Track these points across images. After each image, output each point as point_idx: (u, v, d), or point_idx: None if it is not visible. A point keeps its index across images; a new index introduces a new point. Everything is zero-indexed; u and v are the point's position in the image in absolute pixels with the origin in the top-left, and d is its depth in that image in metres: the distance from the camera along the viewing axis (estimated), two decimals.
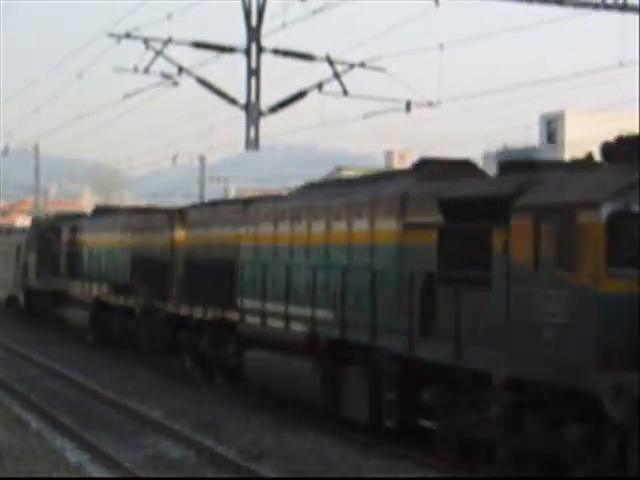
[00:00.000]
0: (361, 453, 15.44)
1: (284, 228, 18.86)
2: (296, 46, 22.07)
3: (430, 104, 22.05)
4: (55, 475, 13.76)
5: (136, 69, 21.06)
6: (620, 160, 12.11)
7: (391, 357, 15.14)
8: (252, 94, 20.11)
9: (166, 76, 21.43)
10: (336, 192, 18.00)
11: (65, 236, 35.45)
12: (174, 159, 60.53)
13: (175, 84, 21.62)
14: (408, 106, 21.99)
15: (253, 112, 20.06)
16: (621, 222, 11.36)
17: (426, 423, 14.73)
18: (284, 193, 27.71)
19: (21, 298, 40.60)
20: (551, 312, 11.85)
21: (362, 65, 21.81)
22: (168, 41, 20.89)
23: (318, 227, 17.55)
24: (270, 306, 18.88)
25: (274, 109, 20.73)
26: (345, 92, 21.76)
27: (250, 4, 19.96)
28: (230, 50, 20.70)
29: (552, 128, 70.03)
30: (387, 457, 15.09)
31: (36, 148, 67.29)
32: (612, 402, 11.09)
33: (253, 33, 20.03)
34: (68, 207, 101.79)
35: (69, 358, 27.93)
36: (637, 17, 19.49)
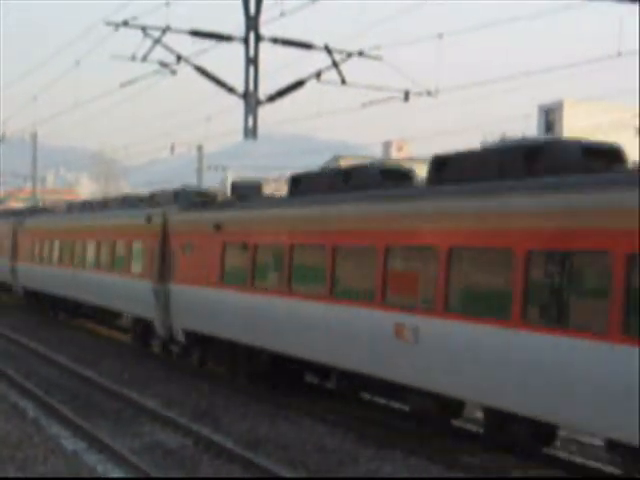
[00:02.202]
0: (357, 442, 15.48)
1: None
2: (294, 35, 22.05)
3: (429, 93, 22.03)
4: (51, 462, 13.79)
5: (134, 57, 21.02)
6: None
7: None
8: (250, 83, 20.11)
9: (164, 64, 21.40)
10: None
11: None
12: (172, 149, 60.43)
13: (173, 72, 21.59)
14: (406, 95, 21.98)
15: (251, 101, 20.05)
16: None
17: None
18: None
19: None
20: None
21: (360, 54, 21.79)
22: (166, 29, 20.85)
23: None
24: None
25: (272, 98, 20.72)
26: (343, 81, 21.75)
27: None
28: (228, 39, 20.67)
29: (550, 118, 70.00)
30: (383, 446, 15.12)
31: (33, 136, 67.19)
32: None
33: (251, 22, 20.01)
34: (65, 196, 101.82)
35: (67, 347, 27.93)
36: (635, 7, 19.45)
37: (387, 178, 17.02)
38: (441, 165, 15.15)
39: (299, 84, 21.26)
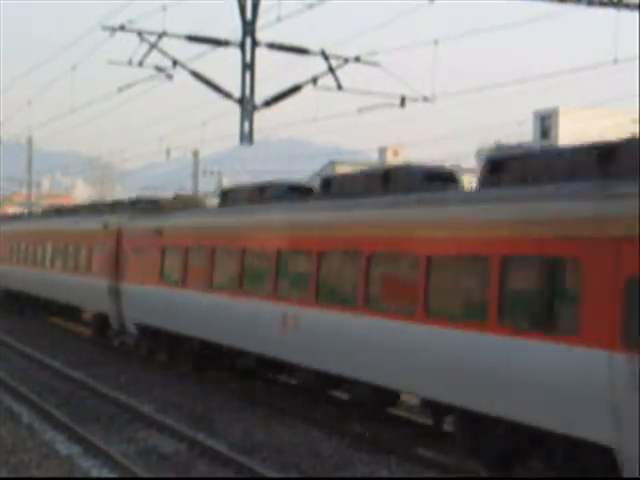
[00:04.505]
0: (352, 446, 15.47)
1: None
2: (291, 40, 22.09)
3: (425, 99, 22.05)
4: (45, 466, 13.77)
5: (130, 62, 21.00)
6: None
7: None
8: (246, 88, 20.08)
9: (160, 69, 21.39)
10: None
11: None
12: (167, 153, 60.44)
13: (169, 77, 21.58)
14: (403, 101, 21.98)
15: (247, 106, 20.03)
16: None
17: None
18: None
19: None
20: None
21: (357, 59, 21.78)
22: (162, 34, 20.83)
23: None
24: None
25: (268, 103, 20.71)
26: (340, 87, 21.75)
27: None
28: (225, 44, 20.65)
29: (546, 124, 70.15)
30: (379, 451, 15.12)
31: (29, 141, 67.12)
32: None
33: (248, 27, 19.99)
34: (61, 200, 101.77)
35: (61, 351, 27.90)
36: (630, 13, 19.50)
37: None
38: (496, 167, 13.94)
39: (295, 89, 21.25)
